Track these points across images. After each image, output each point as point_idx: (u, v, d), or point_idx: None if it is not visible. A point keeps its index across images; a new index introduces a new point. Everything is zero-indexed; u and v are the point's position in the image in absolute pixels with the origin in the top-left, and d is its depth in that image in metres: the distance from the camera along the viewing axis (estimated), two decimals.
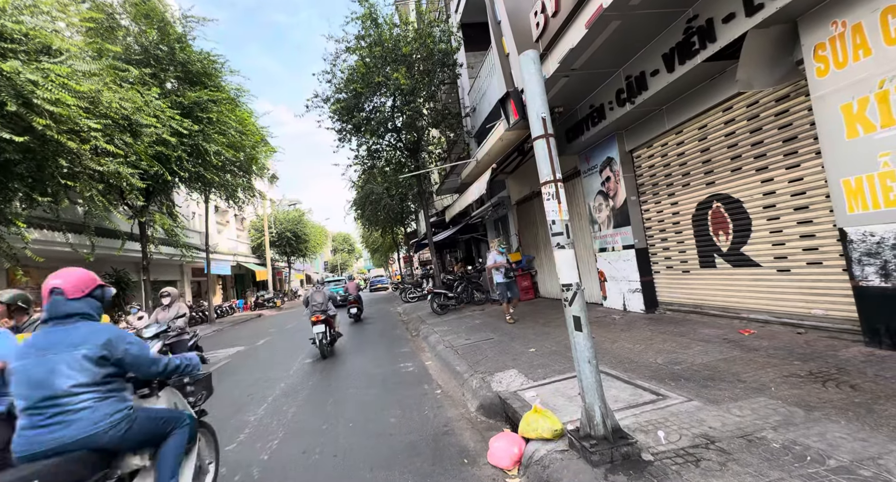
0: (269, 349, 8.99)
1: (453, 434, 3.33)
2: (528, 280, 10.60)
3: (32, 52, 7.54)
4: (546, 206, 2.56)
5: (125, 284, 15.54)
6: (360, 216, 24.10)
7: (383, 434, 3.46)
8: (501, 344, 5.79)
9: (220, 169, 13.60)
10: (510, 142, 8.18)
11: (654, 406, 2.90)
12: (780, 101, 4.28)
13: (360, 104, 10.39)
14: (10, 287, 11.81)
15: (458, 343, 6.31)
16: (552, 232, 2.54)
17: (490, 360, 4.97)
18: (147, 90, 9.96)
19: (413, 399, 4.33)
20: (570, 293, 2.45)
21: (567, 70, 5.43)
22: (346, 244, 67.31)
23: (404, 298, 16.78)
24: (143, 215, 12.51)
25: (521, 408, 3.24)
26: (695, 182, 5.35)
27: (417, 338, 8.21)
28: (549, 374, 4.07)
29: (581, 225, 8.18)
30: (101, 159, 8.49)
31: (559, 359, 4.56)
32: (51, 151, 8.02)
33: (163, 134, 9.84)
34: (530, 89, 2.67)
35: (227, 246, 25.86)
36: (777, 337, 4.16)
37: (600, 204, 7.08)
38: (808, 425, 2.31)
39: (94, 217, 9.34)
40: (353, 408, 4.23)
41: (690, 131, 5.33)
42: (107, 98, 8.45)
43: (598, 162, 6.97)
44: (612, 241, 6.87)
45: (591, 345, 2.40)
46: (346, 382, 5.27)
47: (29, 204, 8.38)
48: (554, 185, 2.51)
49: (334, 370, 6.08)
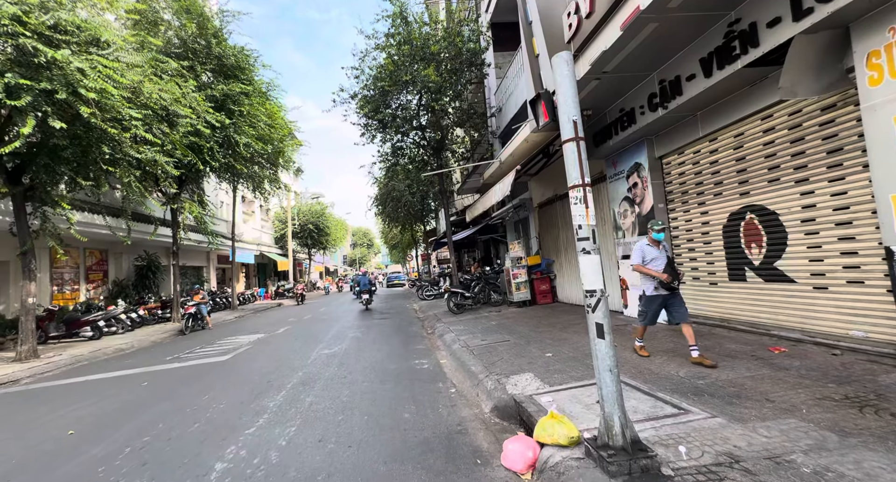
0: (289, 338, 9.20)
1: (467, 433, 3.33)
2: (546, 283, 10.48)
3: (83, 43, 7.93)
4: (573, 210, 2.53)
5: (155, 268, 16.20)
6: (380, 212, 24.35)
7: (397, 428, 3.49)
8: (518, 347, 5.75)
9: (249, 160, 14.00)
10: (535, 144, 8.11)
11: (675, 420, 2.83)
12: (825, 110, 4.09)
13: (387, 101, 10.48)
14: (52, 266, 12.50)
15: (474, 343, 6.30)
16: (578, 237, 2.50)
17: (506, 362, 4.95)
18: (185, 82, 10.34)
19: (427, 396, 4.35)
20: (593, 299, 2.41)
21: (599, 73, 5.34)
22: (366, 239, 68.12)
23: (421, 296, 16.87)
24: (175, 202, 12.99)
25: (537, 413, 3.21)
26: (728, 191, 5.17)
27: (433, 335, 8.24)
28: (566, 380, 4.01)
29: (604, 231, 8.02)
30: (139, 147, 8.86)
31: (577, 365, 4.49)
32: (94, 138, 8.42)
33: (198, 125, 10.19)
34: (562, 91, 2.63)
35: (252, 235, 26.57)
36: (810, 357, 3.98)
37: (625, 210, 6.93)
38: (843, 452, 2.20)
39: (131, 202, 9.75)
40: (368, 401, 4.28)
41: (726, 139, 5.15)
42: (147, 89, 8.82)
43: (626, 167, 6.82)
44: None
45: (613, 354, 2.35)
46: (361, 376, 5.34)
47: (73, 187, 8.83)
48: (582, 190, 2.47)
49: (350, 363, 6.16)
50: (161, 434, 3.74)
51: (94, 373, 6.98)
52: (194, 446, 3.40)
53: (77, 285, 13.59)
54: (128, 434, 3.80)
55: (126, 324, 12.05)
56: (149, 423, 4.04)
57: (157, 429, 3.85)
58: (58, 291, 12.78)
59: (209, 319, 12.86)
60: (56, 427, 4.18)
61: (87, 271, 14.08)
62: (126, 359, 8.20)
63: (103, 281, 14.78)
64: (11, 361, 8.14)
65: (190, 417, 4.11)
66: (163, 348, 9.26)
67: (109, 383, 6.10)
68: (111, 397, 5.24)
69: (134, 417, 4.28)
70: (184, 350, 8.59)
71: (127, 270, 15.72)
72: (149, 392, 5.35)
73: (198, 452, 3.27)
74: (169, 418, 4.15)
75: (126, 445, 3.53)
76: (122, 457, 3.29)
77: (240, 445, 3.34)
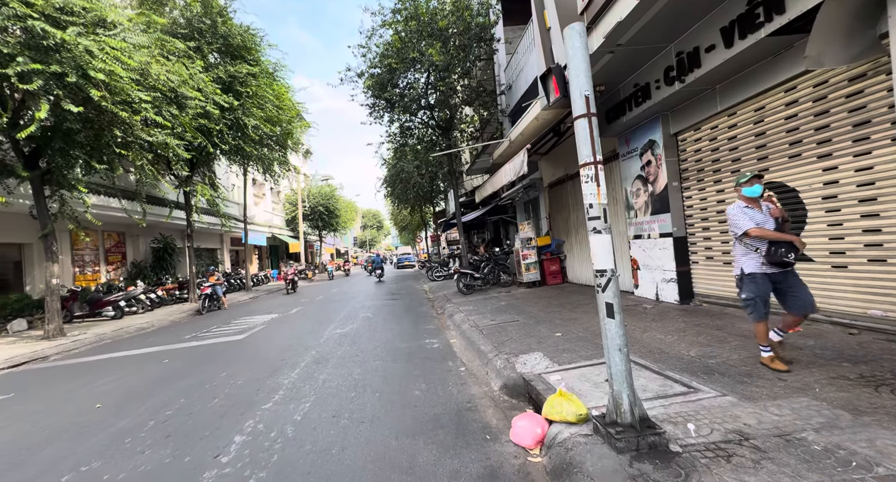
0: (302, 318, 9.40)
1: (476, 410, 3.39)
2: (556, 264, 10.44)
3: (89, 24, 7.88)
4: (584, 189, 2.47)
5: (171, 250, 16.57)
6: (389, 194, 24.31)
7: (408, 405, 3.58)
8: (527, 327, 5.78)
9: (258, 142, 14.01)
10: (546, 122, 7.91)
11: (684, 398, 2.83)
12: (853, 80, 3.88)
13: (394, 80, 10.28)
14: (73, 248, 12.86)
15: (483, 323, 6.35)
16: (589, 216, 2.46)
17: (515, 342, 4.99)
18: (191, 63, 10.27)
19: (437, 374, 4.43)
20: (603, 279, 2.38)
21: (612, 46, 5.12)
22: (375, 221, 68.38)
23: (430, 277, 16.99)
24: (188, 185, 13.13)
25: (545, 391, 3.25)
26: (746, 168, 5.00)
27: (443, 316, 8.33)
28: (575, 360, 4.04)
29: (616, 210, 7.90)
30: (150, 130, 8.91)
31: (586, 345, 4.51)
32: (106, 121, 8.49)
33: (206, 107, 10.18)
34: (574, 65, 2.53)
35: (263, 218, 26.86)
36: (825, 336, 3.92)
37: (638, 189, 6.78)
38: (856, 430, 2.19)
39: (145, 185, 9.88)
40: (379, 379, 4.38)
41: (745, 113, 4.94)
42: (155, 70, 8.79)
43: (639, 145, 6.63)
44: (649, 229, 6.60)
45: (623, 333, 2.34)
46: (373, 354, 5.46)
47: (87, 170, 8.97)
48: (594, 168, 2.41)
49: (362, 342, 6.29)
50: (183, 408, 3.90)
51: (118, 350, 7.26)
52: (214, 420, 3.54)
53: (97, 267, 14.00)
54: (152, 408, 3.97)
55: (146, 304, 12.44)
56: (171, 398, 4.21)
57: (179, 404, 4.01)
58: (79, 273, 13.19)
59: (225, 300, 13.19)
60: (84, 401, 4.39)
61: (107, 253, 14.47)
62: (147, 337, 8.50)
63: (122, 262, 15.20)
64: (40, 339, 8.52)
65: (209, 393, 4.27)
66: (181, 327, 9.56)
67: (133, 360, 6.35)
68: (134, 373, 5.46)
69: (157, 392, 4.47)
70: (201, 329, 8.86)
71: (144, 252, 16.10)
72: (169, 369, 5.56)
73: (217, 426, 3.41)
74: (190, 394, 4.31)
75: (150, 418, 3.69)
76: (147, 430, 3.45)
77: (257, 420, 3.47)
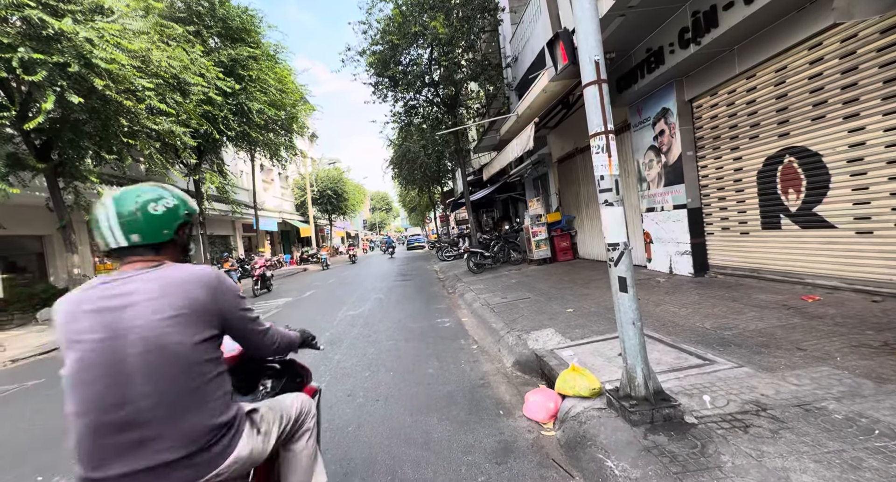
0: (315, 301, 9.55)
1: (489, 387, 3.42)
2: (567, 240, 10.33)
3: (87, 11, 7.78)
4: (594, 160, 2.38)
5: None
6: (397, 175, 24.15)
7: (422, 383, 3.63)
8: (538, 303, 5.77)
9: (264, 127, 13.93)
10: (554, 94, 7.65)
11: (699, 371, 2.80)
12: (885, 33, 3.61)
13: (397, 56, 9.97)
14: (90, 237, 13.16)
15: (495, 301, 6.36)
16: (600, 188, 2.37)
17: (526, 319, 4.99)
18: (191, 48, 10.12)
19: (450, 353, 4.47)
20: (616, 253, 2.32)
21: (623, 8, 4.85)
22: (384, 203, 68.39)
23: (441, 257, 17.03)
24: (196, 173, 13.19)
25: (558, 367, 3.25)
26: (765, 134, 4.78)
27: (454, 295, 8.37)
28: (588, 335, 4.02)
29: (628, 183, 7.70)
30: (156, 118, 8.90)
31: (598, 320, 4.48)
32: (112, 111, 8.50)
33: (209, 92, 10.09)
34: (583, 28, 2.39)
35: (273, 203, 27.04)
36: (847, 304, 3.81)
37: (651, 160, 6.58)
38: (879, 398, 2.13)
39: (155, 174, 9.94)
40: (392, 358, 4.44)
41: (765, 75, 4.68)
42: (156, 57, 8.69)
43: (652, 114, 6.38)
44: (662, 201, 6.43)
45: (636, 307, 2.29)
46: (385, 334, 5.52)
47: (98, 161, 9.04)
48: (604, 137, 2.31)
49: (374, 322, 6.37)
50: None
51: None
52: None
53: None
54: None
55: None
56: None
57: None
58: (99, 262, 13.55)
59: (239, 285, 13.47)
60: None
61: None
62: None
63: None
64: None
65: None
66: None
67: None
68: None
69: None
70: None
71: None
72: None
73: None
74: None
75: None
76: None
77: None
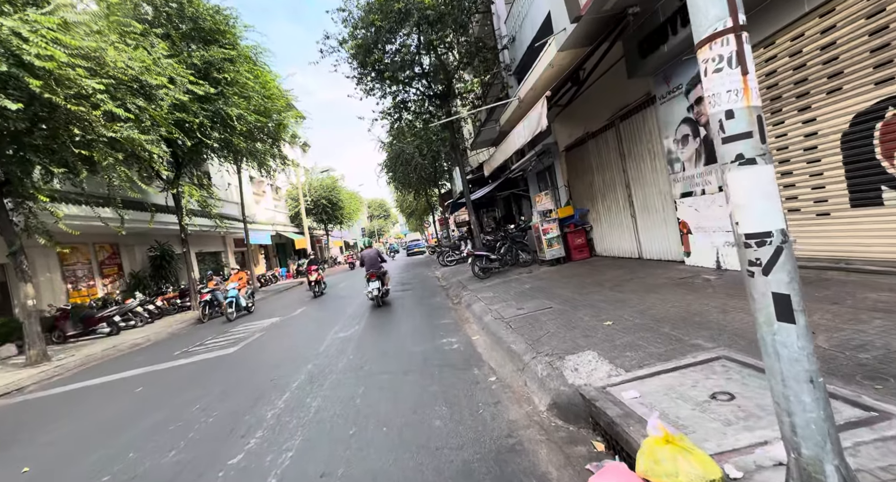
0: (304, 320, 8.48)
1: (523, 451, 2.37)
2: (582, 237, 9.27)
3: (19, 4, 6.81)
4: (711, 86, 1.33)
5: (170, 257, 15.79)
6: (392, 179, 23.15)
7: (426, 447, 2.57)
8: (564, 314, 4.71)
9: (249, 136, 12.94)
10: (562, 68, 6.63)
11: (871, 431, 1.74)
12: None
13: (380, 41, 8.89)
14: (63, 263, 12.11)
15: (509, 313, 5.31)
16: (725, 134, 1.32)
17: (554, 337, 3.93)
18: (152, 46, 9.13)
19: (461, 389, 3.41)
20: (765, 250, 1.26)
21: None
22: (382, 210, 67.35)
23: (442, 262, 15.97)
24: (175, 187, 12.14)
25: (623, 420, 2.19)
26: (851, 84, 3.71)
27: (460, 306, 7.31)
28: (646, 360, 2.96)
29: (653, 167, 6.66)
30: (113, 125, 7.90)
31: (651, 336, 3.42)
32: (62, 119, 7.51)
33: (176, 94, 9.10)
34: None
35: (266, 216, 26.00)
36: None
37: (685, 136, 5.53)
38: None
39: (117, 188, 8.85)
40: (387, 402, 3.39)
41: (849, 7, 3.62)
42: (112, 57, 7.72)
43: (686, 80, 5.34)
44: (703, 182, 5.38)
45: (811, 349, 1.24)
46: (380, 364, 4.46)
47: (49, 176, 8.00)
48: (732, 39, 1.26)
49: (368, 347, 5.31)
50: (127, 468, 2.95)
51: (100, 375, 6.44)
52: None
53: (92, 281, 13.28)
54: (88, 470, 3.04)
55: (143, 317, 11.71)
56: (120, 451, 3.27)
57: (125, 461, 3.06)
58: (73, 289, 12.48)
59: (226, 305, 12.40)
60: (15, 460, 3.49)
61: (101, 266, 13.73)
62: (137, 356, 7.69)
63: (119, 274, 14.47)
64: (23, 367, 7.76)
65: (169, 441, 3.31)
66: (177, 340, 8.75)
67: (106, 390, 5.50)
68: (97, 410, 4.60)
69: (107, 441, 3.55)
70: (195, 341, 8.01)
71: (142, 262, 15.37)
72: (139, 400, 4.67)
73: None
74: (145, 442, 3.37)
75: None
76: None
77: None
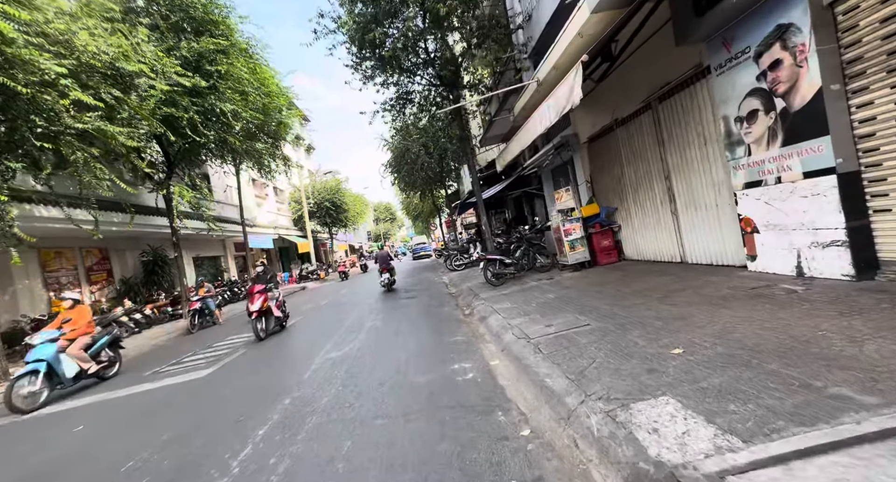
0: (293, 336, 7.48)
1: None
2: (609, 238, 8.21)
3: None
4: None
5: (163, 262, 14.98)
6: (396, 180, 22.24)
7: None
8: (608, 335, 3.67)
9: (246, 135, 12.09)
10: (593, 37, 5.59)
11: None
12: None
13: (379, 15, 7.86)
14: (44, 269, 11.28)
15: (535, 331, 4.28)
16: None
17: (605, 370, 2.90)
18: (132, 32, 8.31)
19: (483, 450, 2.40)
20: None
21: None
22: (388, 213, 66.61)
23: (450, 266, 14.96)
24: (164, 187, 11.30)
25: None
26: None
27: (472, 318, 6.31)
28: (768, 421, 1.91)
29: (703, 154, 5.62)
30: (82, 116, 7.06)
31: (754, 376, 2.36)
32: (22, 109, 6.70)
33: (158, 85, 8.26)
34: None
35: (267, 219, 25.22)
36: None
37: (755, 110, 4.47)
38: None
39: (89, 186, 7.95)
40: (380, 470, 2.38)
41: None
42: (83, 41, 6.91)
43: (755, 41, 4.29)
44: (779, 168, 4.32)
45: None
46: (375, 402, 3.46)
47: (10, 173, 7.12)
48: None
49: (362, 373, 4.32)
50: None
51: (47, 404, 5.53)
52: None
53: (78, 288, 12.45)
54: None
55: (129, 327, 10.87)
56: None
57: None
58: (56, 297, 11.68)
59: (219, 314, 11.52)
60: None
61: (88, 272, 12.94)
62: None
63: (108, 281, 13.67)
64: None
65: None
66: (158, 354, 7.86)
67: (42, 427, 4.57)
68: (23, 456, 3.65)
69: None
70: (172, 358, 7.10)
71: (133, 267, 14.59)
72: (74, 444, 3.72)
73: None
74: None
75: None
76: None
77: None
